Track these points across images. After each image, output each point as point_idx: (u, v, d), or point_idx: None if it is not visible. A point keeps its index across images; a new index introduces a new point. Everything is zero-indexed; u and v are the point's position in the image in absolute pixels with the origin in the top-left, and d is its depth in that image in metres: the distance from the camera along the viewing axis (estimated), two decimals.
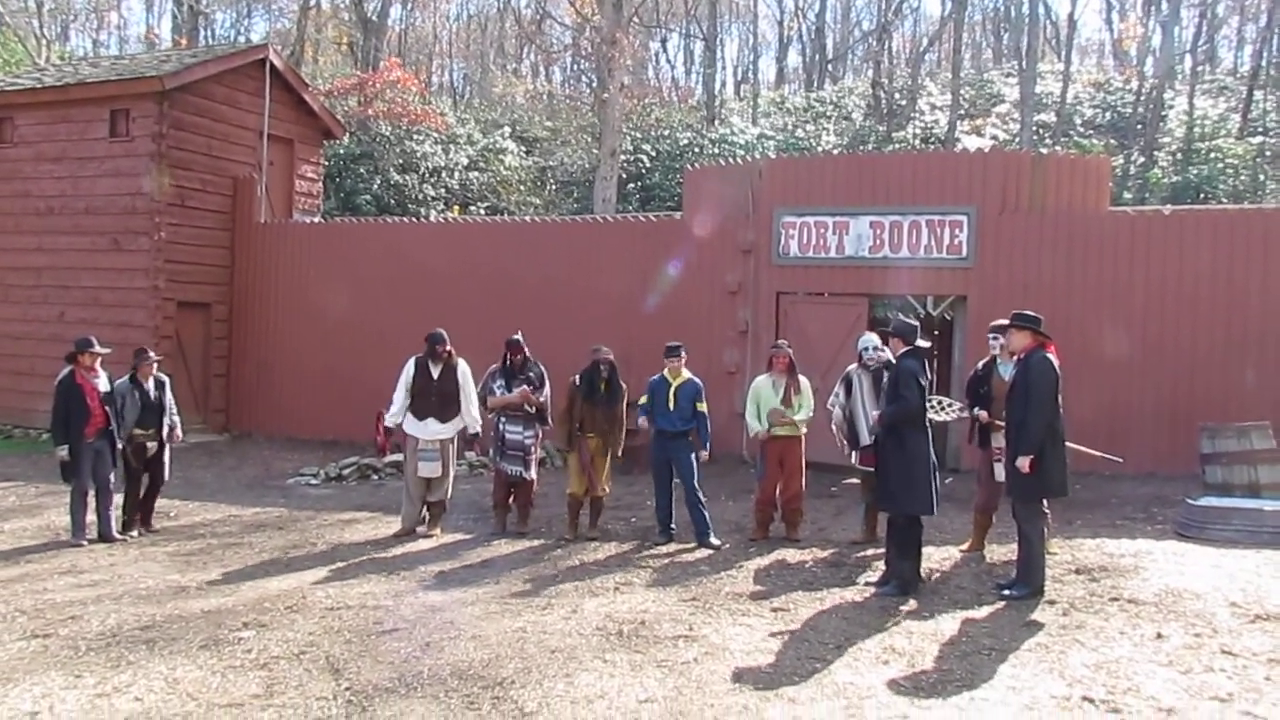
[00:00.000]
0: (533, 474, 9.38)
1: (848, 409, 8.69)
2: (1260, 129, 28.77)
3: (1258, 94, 30.95)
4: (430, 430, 9.23)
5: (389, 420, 9.53)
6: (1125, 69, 36.65)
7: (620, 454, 9.36)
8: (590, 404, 9.05)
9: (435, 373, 9.28)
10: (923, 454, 7.16)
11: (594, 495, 9.17)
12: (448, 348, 9.35)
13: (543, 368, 9.48)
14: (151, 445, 9.43)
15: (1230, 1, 36.82)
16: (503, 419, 9.31)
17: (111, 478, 9.24)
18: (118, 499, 9.40)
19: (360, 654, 5.77)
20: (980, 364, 8.43)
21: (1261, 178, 24.84)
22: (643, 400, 9.19)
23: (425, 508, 9.42)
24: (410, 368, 9.37)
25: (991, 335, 8.26)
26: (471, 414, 9.35)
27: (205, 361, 16.35)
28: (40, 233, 16.08)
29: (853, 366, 8.82)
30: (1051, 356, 7.00)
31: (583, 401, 9.05)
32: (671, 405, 8.95)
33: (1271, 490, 9.68)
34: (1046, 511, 7.98)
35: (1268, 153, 26.69)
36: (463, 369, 9.40)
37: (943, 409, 7.82)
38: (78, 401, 8.99)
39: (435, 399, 9.22)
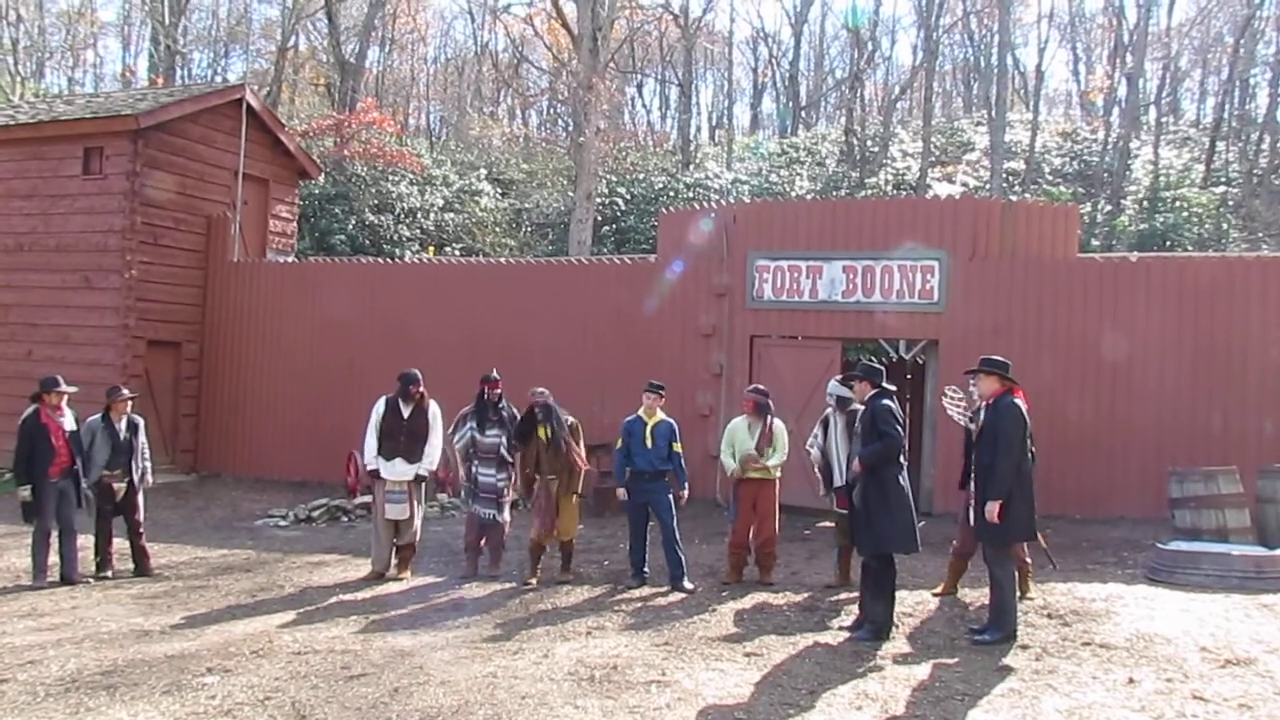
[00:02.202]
0: (505, 517, 9.31)
1: (824, 448, 8.72)
2: (1223, 179, 29.39)
3: (1220, 145, 31.66)
4: (397, 471, 9.15)
5: (368, 465, 9.40)
6: (1092, 119, 37.39)
7: (579, 492, 9.22)
8: (530, 448, 8.96)
9: (405, 412, 9.21)
10: (903, 491, 7.17)
11: (561, 539, 9.07)
12: (420, 388, 9.29)
13: (515, 409, 9.43)
14: (119, 487, 9.29)
15: (1193, 55, 37.75)
16: (476, 461, 9.25)
17: (76, 519, 9.08)
18: (83, 540, 9.24)
19: (327, 700, 5.67)
20: (973, 410, 8.40)
21: (1224, 226, 25.33)
22: (618, 444, 9.14)
23: (394, 550, 9.32)
24: (380, 407, 9.29)
25: (972, 383, 8.27)
26: (431, 454, 9.28)
27: (175, 401, 16.17)
28: (9, 270, 15.92)
29: (829, 409, 8.86)
30: (1020, 401, 7.06)
31: (526, 448, 8.96)
32: (649, 444, 8.92)
33: (1239, 535, 9.77)
34: (1028, 559, 8.01)
35: (1230, 202, 27.25)
36: (433, 410, 9.34)
37: (953, 401, 7.85)
38: (42, 441, 8.85)
39: (404, 439, 9.15)
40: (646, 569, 8.99)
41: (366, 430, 9.30)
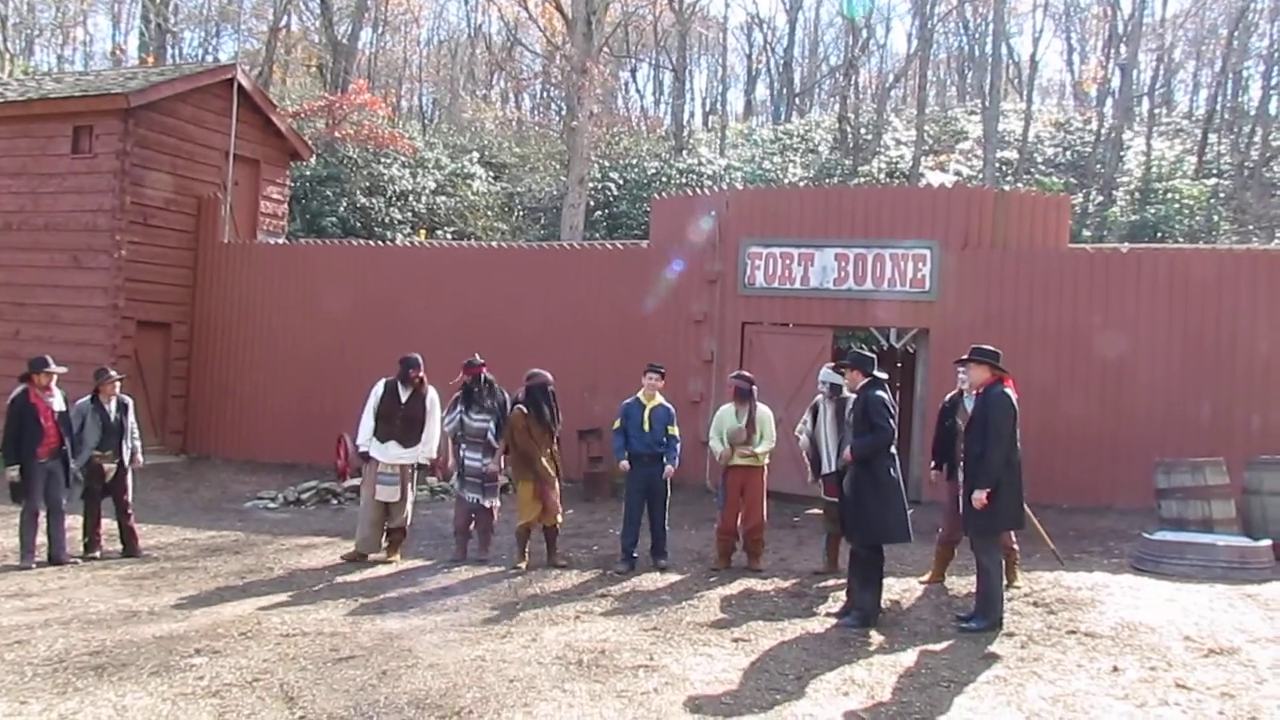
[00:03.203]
0: (491, 501, 9.32)
1: (813, 435, 8.75)
2: (1215, 171, 29.49)
3: (1212, 137, 31.74)
4: (391, 454, 9.15)
5: (360, 445, 9.39)
6: (1085, 110, 37.42)
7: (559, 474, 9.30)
8: (540, 429, 9.01)
9: (403, 397, 9.22)
10: (895, 482, 7.21)
11: (549, 524, 9.11)
12: (420, 373, 9.29)
13: (506, 395, 9.43)
14: (110, 467, 9.26)
15: (1186, 47, 37.78)
16: (464, 446, 9.26)
17: (64, 499, 9.06)
18: (71, 521, 9.22)
19: (315, 682, 5.68)
20: (948, 397, 8.49)
21: (1215, 218, 25.42)
22: (615, 425, 9.20)
23: (385, 534, 9.33)
24: (379, 389, 9.30)
25: (961, 370, 8.30)
26: (431, 444, 9.29)
27: (164, 382, 16.11)
28: None
29: (820, 396, 8.88)
30: (1010, 391, 7.07)
31: (535, 428, 8.99)
32: (646, 428, 9.01)
33: (1224, 525, 9.82)
34: (1015, 547, 8.05)
35: (1221, 194, 27.33)
36: (431, 397, 9.34)
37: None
38: (31, 421, 8.82)
39: (400, 423, 9.15)
40: (636, 554, 9.03)
41: (363, 412, 9.30)
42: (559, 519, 9.16)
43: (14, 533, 9.22)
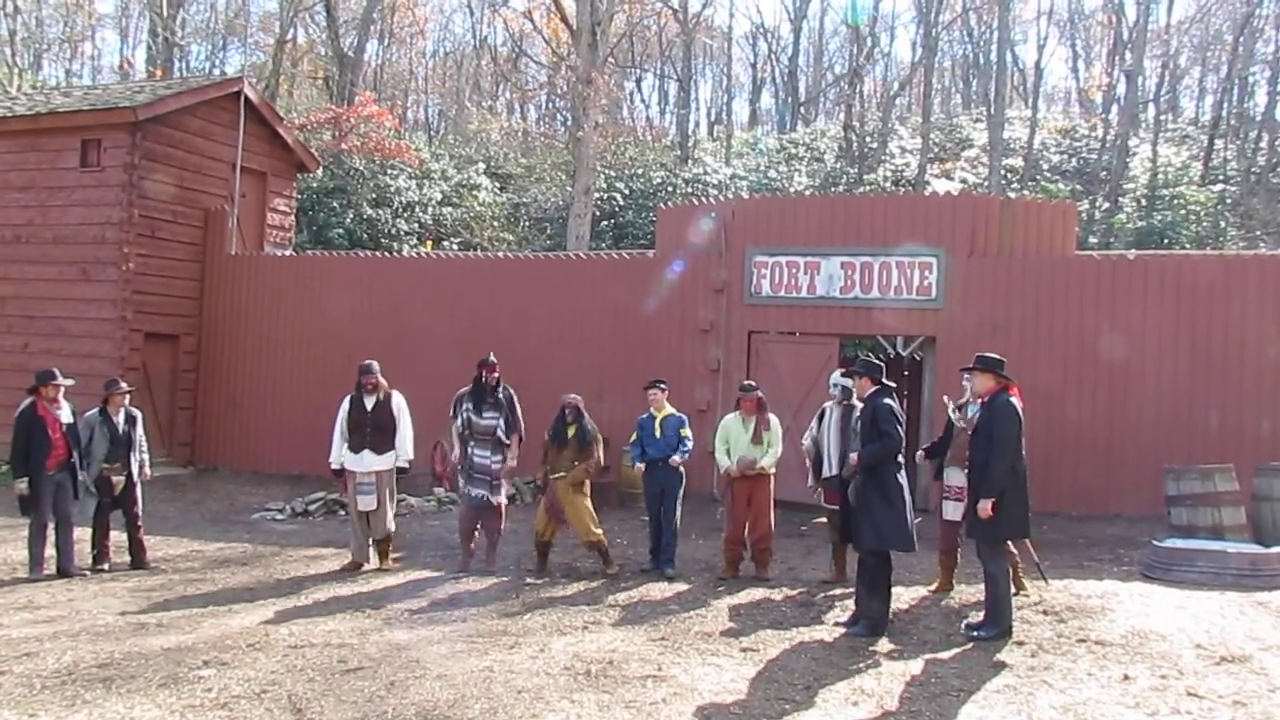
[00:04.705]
0: (499, 499, 9.33)
1: (817, 438, 8.76)
2: (1221, 177, 29.40)
3: (1218, 143, 31.66)
4: (365, 463, 9.23)
5: (332, 463, 9.42)
6: (1090, 117, 37.37)
7: (593, 472, 9.34)
8: (557, 449, 9.12)
9: (369, 405, 9.29)
10: (902, 489, 7.20)
11: (586, 542, 9.13)
12: (374, 379, 9.32)
13: (511, 390, 9.49)
14: (118, 480, 9.28)
15: (1192, 53, 37.73)
16: (472, 443, 9.29)
17: (72, 511, 9.08)
18: (80, 533, 9.24)
19: (323, 693, 5.68)
20: (964, 398, 8.39)
21: (1222, 224, 25.33)
22: (632, 438, 9.48)
23: (374, 545, 9.37)
24: (346, 404, 9.41)
25: (966, 378, 8.27)
26: (405, 447, 9.33)
27: (172, 394, 16.16)
28: (6, 262, 15.89)
29: (829, 401, 8.89)
30: (1014, 399, 7.05)
31: (553, 448, 9.13)
32: (659, 435, 9.29)
33: (1234, 532, 9.79)
34: (1029, 550, 8.01)
35: (1228, 200, 27.25)
36: (397, 401, 9.40)
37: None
38: (39, 433, 8.85)
39: (369, 431, 9.23)
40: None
41: (334, 431, 9.38)
42: (592, 535, 9.07)
43: (23, 545, 9.24)
